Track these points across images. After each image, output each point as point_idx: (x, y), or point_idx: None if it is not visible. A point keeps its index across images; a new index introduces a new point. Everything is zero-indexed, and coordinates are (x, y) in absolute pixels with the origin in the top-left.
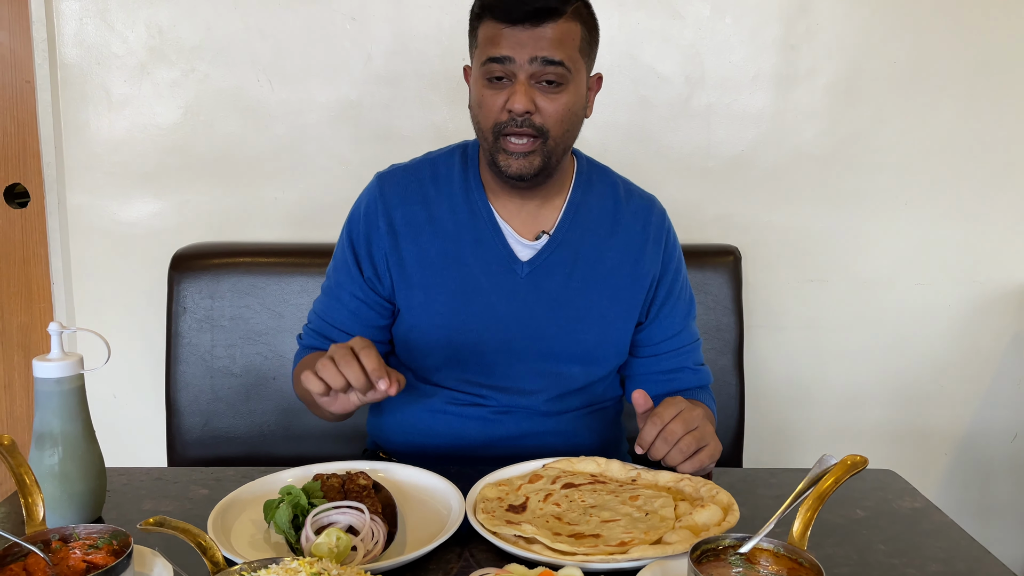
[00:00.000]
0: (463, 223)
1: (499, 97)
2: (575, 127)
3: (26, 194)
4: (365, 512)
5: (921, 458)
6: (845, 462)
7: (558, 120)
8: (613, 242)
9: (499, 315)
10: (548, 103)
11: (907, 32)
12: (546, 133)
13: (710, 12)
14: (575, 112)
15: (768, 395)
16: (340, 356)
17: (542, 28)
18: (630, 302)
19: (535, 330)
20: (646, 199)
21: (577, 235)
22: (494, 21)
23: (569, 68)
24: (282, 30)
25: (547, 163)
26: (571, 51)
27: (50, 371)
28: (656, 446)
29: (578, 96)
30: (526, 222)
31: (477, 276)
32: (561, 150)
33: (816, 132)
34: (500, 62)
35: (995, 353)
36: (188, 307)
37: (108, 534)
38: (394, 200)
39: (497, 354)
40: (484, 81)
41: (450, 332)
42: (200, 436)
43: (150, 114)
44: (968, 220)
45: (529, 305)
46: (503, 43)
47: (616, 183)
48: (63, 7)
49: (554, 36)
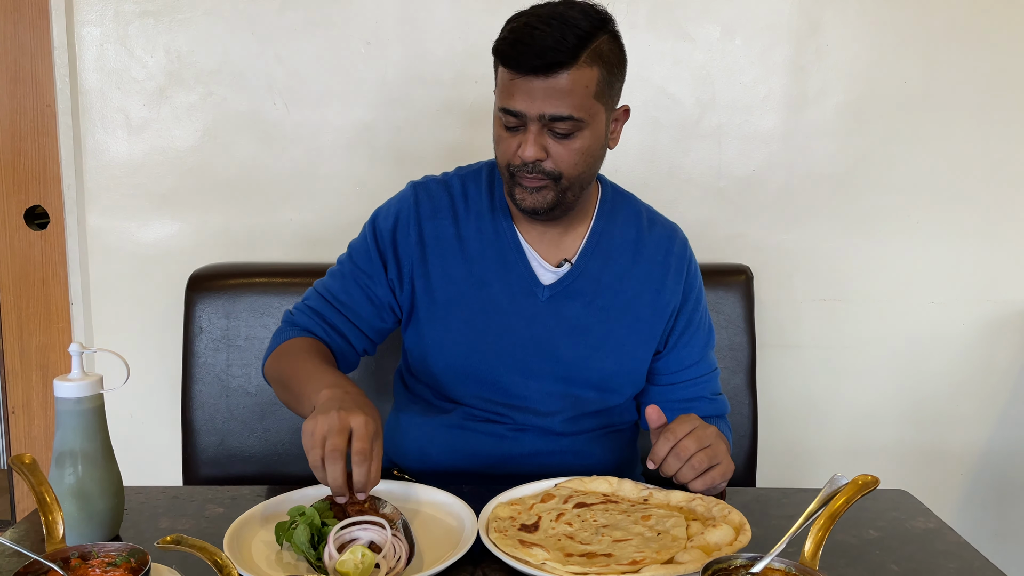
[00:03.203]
0: (488, 243)
1: (513, 142)
2: (593, 165)
3: (46, 216)
4: (387, 528)
5: (936, 478)
6: (856, 482)
7: (571, 164)
8: (635, 271)
9: (518, 337)
10: (561, 149)
11: (917, 53)
12: (559, 177)
13: (720, 34)
14: (591, 153)
15: (781, 414)
16: (331, 452)
17: (554, 79)
18: (649, 332)
19: (553, 354)
20: (668, 228)
21: (599, 264)
22: (506, 69)
23: (581, 119)
24: (298, 54)
25: (562, 199)
26: (584, 99)
27: (71, 391)
28: (668, 462)
29: (595, 138)
30: (549, 248)
31: (498, 297)
32: (578, 187)
33: (827, 152)
34: (512, 114)
35: (1010, 373)
36: (204, 327)
37: (126, 552)
38: (426, 212)
39: (514, 375)
40: (500, 124)
41: (468, 350)
42: (215, 455)
43: (168, 137)
44: (981, 239)
45: (548, 329)
46: (515, 95)
47: (639, 211)
48: (84, 33)
49: (566, 87)
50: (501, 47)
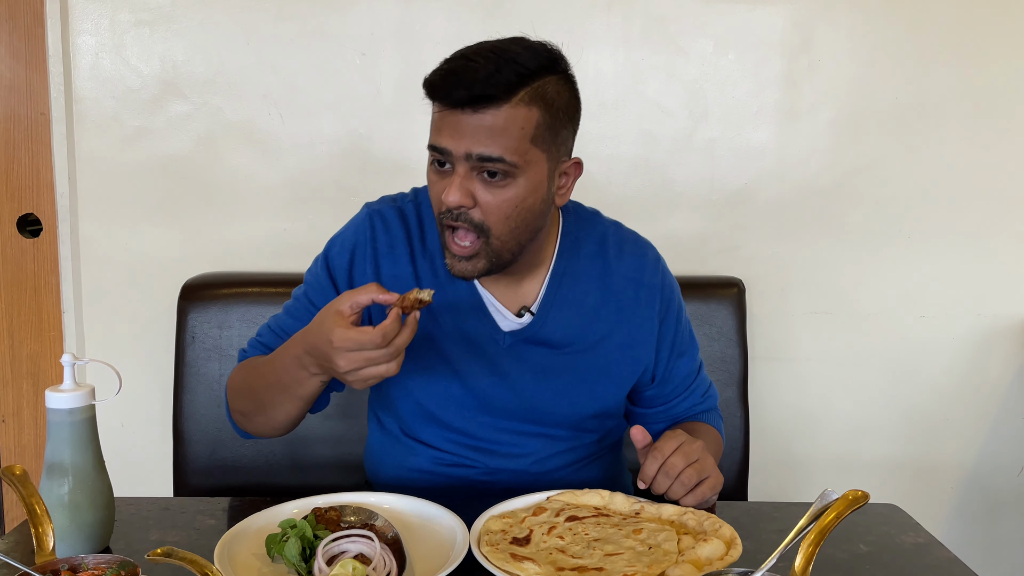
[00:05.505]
0: (444, 287)
1: (441, 185)
2: (529, 220)
3: (39, 223)
4: (375, 540)
5: (927, 491)
6: (847, 497)
7: (501, 216)
8: (603, 312)
9: (482, 384)
10: (490, 197)
11: (908, 67)
12: (487, 231)
13: (713, 48)
14: (526, 207)
15: (773, 427)
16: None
17: (482, 115)
18: (624, 372)
19: (520, 396)
20: (638, 252)
21: (562, 310)
22: (434, 101)
23: (514, 163)
24: (293, 65)
25: (496, 262)
26: (518, 142)
27: (62, 402)
28: (658, 480)
29: (532, 188)
30: (506, 294)
31: (457, 343)
32: (513, 244)
33: (819, 166)
34: (439, 151)
35: (1000, 386)
36: (197, 336)
37: (116, 564)
38: (383, 247)
39: (479, 419)
40: (430, 163)
41: (430, 395)
42: (207, 465)
43: (163, 146)
44: (971, 254)
45: (512, 377)
46: (443, 130)
47: (605, 236)
48: (79, 41)
49: (495, 125)
50: (431, 78)
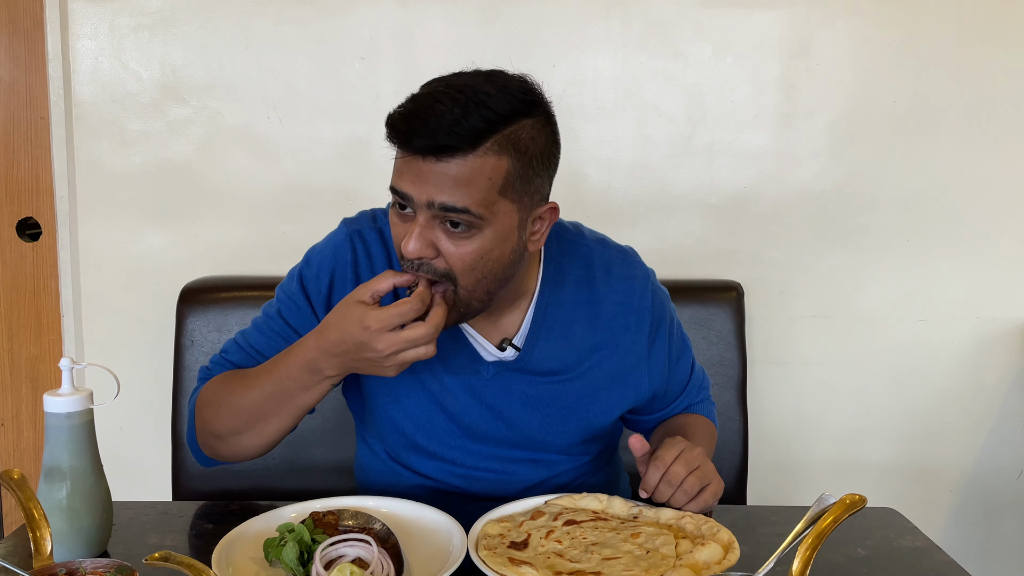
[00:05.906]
0: None
1: (403, 228)
2: (497, 272)
3: (38, 227)
4: (373, 544)
5: (926, 495)
6: (844, 501)
7: (466, 268)
8: (592, 339)
9: (466, 413)
10: (453, 248)
11: (907, 71)
12: (453, 279)
13: (712, 52)
14: (493, 258)
15: (772, 431)
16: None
17: (446, 163)
18: (612, 400)
19: (507, 426)
20: (626, 276)
21: (547, 343)
22: (394, 144)
23: (479, 215)
24: (292, 69)
25: (465, 312)
26: (485, 193)
27: (61, 406)
28: (660, 489)
29: (499, 240)
30: (487, 327)
31: (439, 375)
32: (482, 294)
33: (817, 170)
34: (400, 195)
35: (999, 390)
36: (195, 340)
37: (114, 568)
38: (364, 271)
39: (468, 447)
40: (392, 203)
41: (416, 427)
42: (205, 469)
43: (162, 150)
44: (970, 257)
45: (498, 406)
46: (404, 175)
47: (591, 258)
48: (79, 45)
49: (460, 175)
50: (392, 118)
